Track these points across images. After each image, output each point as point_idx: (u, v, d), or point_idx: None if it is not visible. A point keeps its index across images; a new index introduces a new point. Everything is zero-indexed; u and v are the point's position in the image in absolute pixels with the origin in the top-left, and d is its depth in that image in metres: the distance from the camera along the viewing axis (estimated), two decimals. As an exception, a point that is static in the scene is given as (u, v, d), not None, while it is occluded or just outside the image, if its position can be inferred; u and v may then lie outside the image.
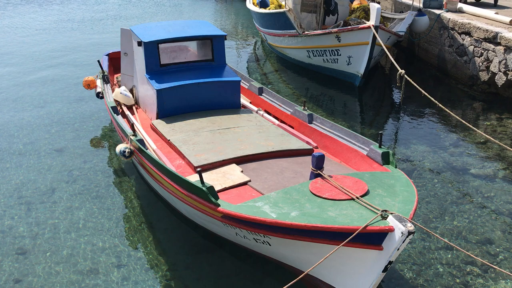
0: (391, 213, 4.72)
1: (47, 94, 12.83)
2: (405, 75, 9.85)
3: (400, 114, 11.85)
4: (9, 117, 11.30)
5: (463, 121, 8.65)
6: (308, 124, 8.22)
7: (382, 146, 6.71)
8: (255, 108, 9.27)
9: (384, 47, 11.61)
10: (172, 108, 8.64)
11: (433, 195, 8.12)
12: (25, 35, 19.99)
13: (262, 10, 16.29)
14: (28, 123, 10.98)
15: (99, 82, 10.49)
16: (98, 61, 10.99)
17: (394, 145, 10.06)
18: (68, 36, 19.66)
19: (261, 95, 9.80)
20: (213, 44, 9.23)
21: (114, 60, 11.60)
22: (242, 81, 10.19)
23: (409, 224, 4.56)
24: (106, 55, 11.79)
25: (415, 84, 9.68)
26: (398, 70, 10.00)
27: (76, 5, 26.69)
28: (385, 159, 6.54)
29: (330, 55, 13.52)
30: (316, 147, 7.69)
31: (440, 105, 8.86)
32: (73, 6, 26.60)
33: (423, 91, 9.46)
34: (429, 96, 9.26)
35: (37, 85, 13.60)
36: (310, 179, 6.02)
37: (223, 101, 8.99)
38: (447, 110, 9.00)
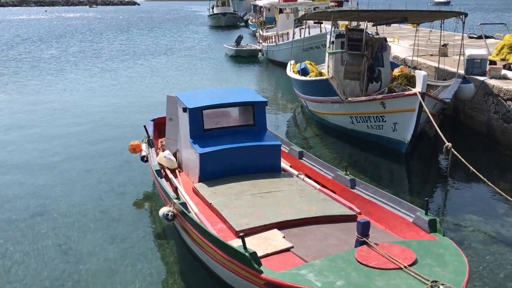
0: (442, 284, 4.53)
1: (95, 156, 13.22)
2: (452, 149, 9.68)
3: (448, 182, 11.50)
4: (55, 178, 11.64)
5: (509, 198, 8.46)
6: (351, 189, 8.09)
7: (428, 213, 6.50)
8: (296, 172, 9.23)
9: (429, 114, 11.48)
10: (214, 172, 8.71)
11: (485, 267, 7.69)
12: (81, 96, 21.34)
13: (303, 78, 16.61)
14: (74, 184, 11.25)
15: (144, 146, 10.76)
16: (144, 126, 11.34)
17: (441, 213, 9.71)
18: (118, 100, 20.55)
19: (302, 159, 9.79)
20: (255, 110, 9.39)
21: (159, 125, 11.93)
22: (282, 145, 10.25)
23: (462, 297, 4.32)
24: (152, 120, 12.16)
25: (462, 160, 9.49)
26: (444, 142, 9.82)
27: (129, 73, 27.96)
28: (432, 226, 6.32)
29: (375, 122, 13.48)
30: (360, 213, 7.52)
31: (489, 183, 8.94)
32: (129, 72, 28.00)
33: (471, 167, 9.36)
34: (477, 173, 9.28)
35: (86, 146, 14.11)
36: (355, 246, 5.85)
37: (264, 165, 9.01)
38: (497, 189, 9.03)
